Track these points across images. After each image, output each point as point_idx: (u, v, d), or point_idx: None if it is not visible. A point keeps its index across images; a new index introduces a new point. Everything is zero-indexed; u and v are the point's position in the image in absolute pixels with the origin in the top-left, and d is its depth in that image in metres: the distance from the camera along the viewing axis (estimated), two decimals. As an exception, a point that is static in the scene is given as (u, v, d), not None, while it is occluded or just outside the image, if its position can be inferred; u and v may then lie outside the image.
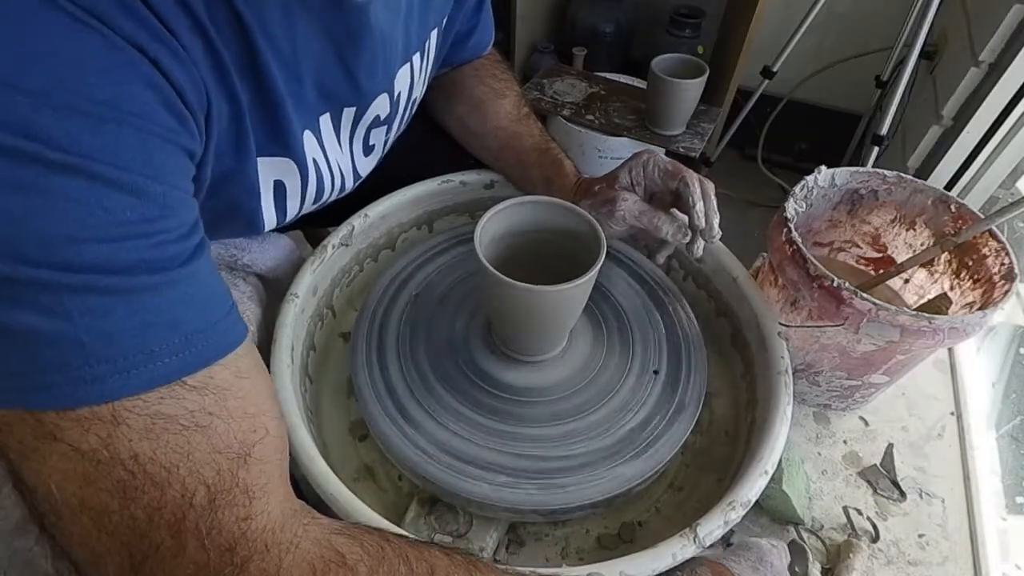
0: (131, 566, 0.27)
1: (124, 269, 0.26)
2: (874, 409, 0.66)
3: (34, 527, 0.31)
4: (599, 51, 1.55)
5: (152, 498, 0.27)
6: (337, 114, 0.48)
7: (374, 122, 0.53)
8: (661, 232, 0.56)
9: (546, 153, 0.64)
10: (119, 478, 0.26)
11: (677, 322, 0.58)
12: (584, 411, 0.51)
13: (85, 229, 0.25)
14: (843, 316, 0.51)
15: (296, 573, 0.29)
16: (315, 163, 0.47)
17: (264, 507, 0.30)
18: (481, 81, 0.69)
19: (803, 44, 1.30)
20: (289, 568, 0.29)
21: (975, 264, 0.58)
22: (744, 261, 0.61)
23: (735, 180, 1.60)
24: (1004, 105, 0.96)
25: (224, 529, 0.28)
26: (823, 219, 0.68)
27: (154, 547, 0.27)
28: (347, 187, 0.55)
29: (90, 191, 0.25)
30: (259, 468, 0.30)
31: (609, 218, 0.56)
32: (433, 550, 0.34)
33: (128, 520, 0.26)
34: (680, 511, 0.53)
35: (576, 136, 1.26)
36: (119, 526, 0.26)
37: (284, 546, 0.29)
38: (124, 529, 0.27)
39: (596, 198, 0.57)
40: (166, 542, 0.27)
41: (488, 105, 0.68)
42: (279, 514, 0.30)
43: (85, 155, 0.25)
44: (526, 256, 0.52)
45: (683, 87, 1.15)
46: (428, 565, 0.33)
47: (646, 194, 0.58)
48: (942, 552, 0.56)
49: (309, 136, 0.45)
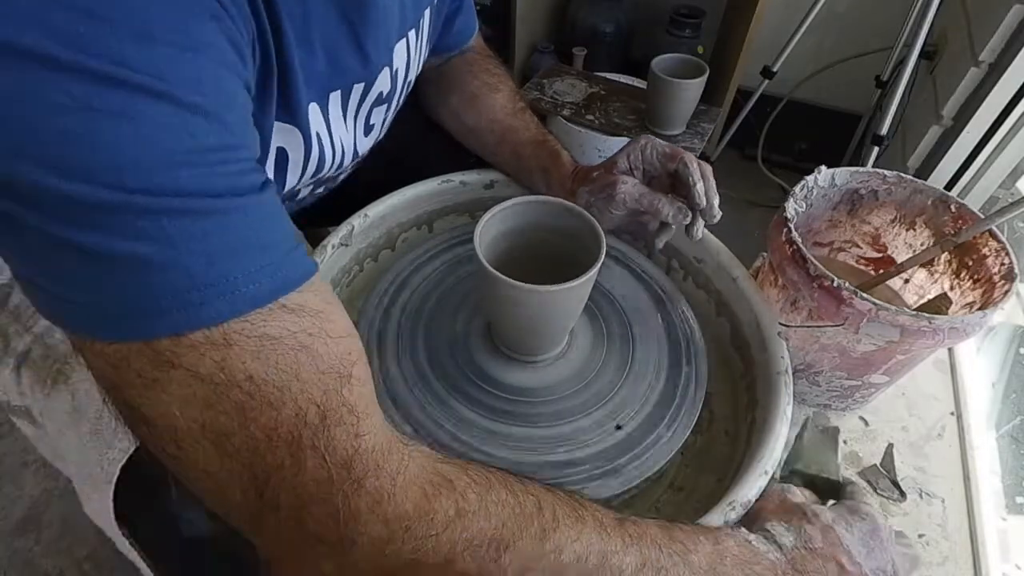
0: (255, 488, 0.28)
1: (215, 193, 0.27)
2: (874, 409, 0.66)
3: (34, 527, 0.31)
4: (599, 51, 1.55)
5: (269, 418, 0.27)
6: (347, 91, 0.48)
7: (377, 100, 0.53)
8: (661, 213, 0.55)
9: (543, 145, 0.64)
10: (237, 400, 0.27)
11: (677, 322, 0.58)
12: (584, 411, 0.51)
13: (176, 154, 0.26)
14: (843, 316, 0.51)
15: (409, 494, 0.29)
16: (318, 137, 0.46)
17: (370, 427, 0.30)
18: (475, 76, 0.69)
19: (803, 44, 1.30)
20: (403, 488, 0.29)
21: (975, 264, 0.58)
22: (744, 261, 0.61)
23: (735, 180, 1.60)
24: (1004, 105, 0.96)
25: (338, 446, 0.28)
26: (823, 219, 0.68)
27: (275, 466, 0.27)
28: (344, 164, 0.54)
29: (177, 116, 0.26)
30: (359, 389, 0.31)
31: (609, 202, 0.56)
32: (537, 485, 0.34)
33: (248, 441, 0.27)
34: (680, 511, 0.53)
35: (576, 136, 1.26)
36: (240, 448, 0.27)
37: (395, 467, 0.30)
38: (245, 450, 0.27)
39: (595, 184, 0.57)
40: (286, 461, 0.27)
41: (483, 99, 0.68)
42: (384, 437, 0.31)
43: (169, 81, 0.25)
44: (526, 256, 0.52)
45: (683, 87, 1.15)
46: (535, 498, 0.32)
47: (645, 178, 0.58)
48: (942, 552, 0.56)
49: (315, 109, 0.45)
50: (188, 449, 0.27)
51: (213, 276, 0.26)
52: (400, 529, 0.29)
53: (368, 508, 0.28)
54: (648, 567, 0.33)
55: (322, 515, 0.28)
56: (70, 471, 0.46)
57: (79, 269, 0.25)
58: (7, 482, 0.93)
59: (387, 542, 0.28)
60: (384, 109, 0.56)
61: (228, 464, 0.27)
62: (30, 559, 0.84)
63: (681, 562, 0.34)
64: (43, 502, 0.90)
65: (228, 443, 0.27)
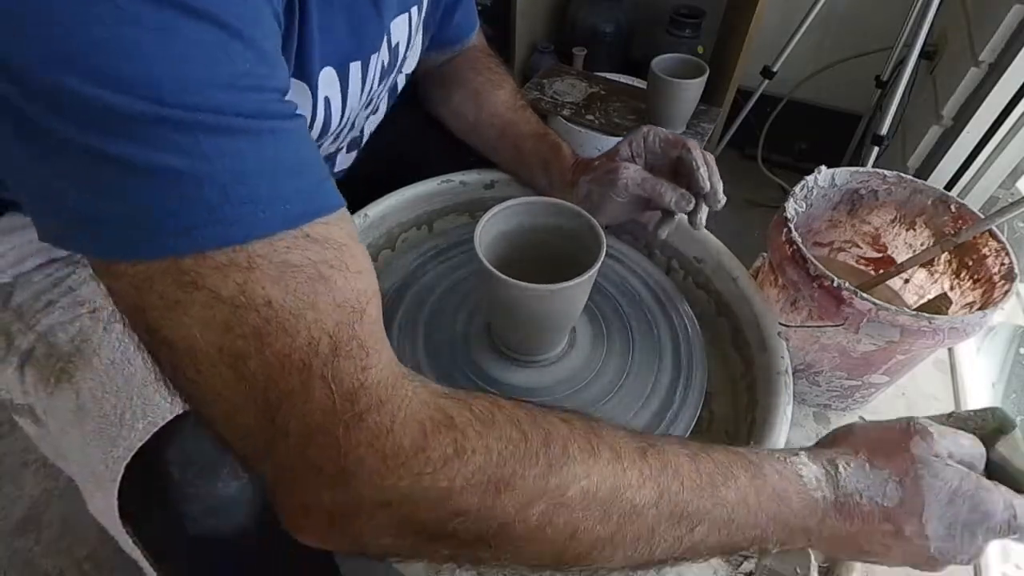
0: (267, 413, 0.28)
1: (249, 114, 0.27)
2: (874, 409, 0.66)
3: (34, 527, 0.31)
4: (599, 51, 1.55)
5: (284, 344, 0.28)
6: (366, 62, 0.48)
7: (380, 72, 0.53)
8: (664, 199, 0.55)
9: (543, 138, 0.64)
10: (254, 324, 0.27)
11: (677, 322, 0.58)
12: (584, 411, 0.51)
13: (215, 74, 0.26)
14: (843, 316, 0.51)
15: (407, 431, 0.30)
16: (327, 101, 0.46)
17: (377, 362, 0.30)
18: (478, 73, 0.69)
19: (803, 44, 1.30)
20: (402, 425, 0.30)
21: (975, 264, 0.58)
22: (744, 261, 0.61)
23: (735, 180, 1.59)
24: (1004, 105, 0.96)
25: (345, 378, 0.29)
26: (823, 219, 0.68)
27: (287, 392, 0.28)
28: (342, 137, 0.54)
29: (218, 38, 0.26)
30: (371, 326, 0.31)
31: (611, 188, 0.56)
32: (550, 416, 0.33)
33: (263, 366, 0.28)
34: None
35: (576, 136, 1.26)
36: (255, 371, 0.28)
37: (397, 403, 0.30)
38: (260, 375, 0.28)
39: (597, 172, 0.57)
40: (296, 387, 0.28)
41: (485, 95, 0.68)
42: (390, 372, 0.31)
43: (213, 3, 0.26)
44: (526, 256, 0.52)
45: (683, 87, 1.15)
46: (543, 432, 0.32)
47: (647, 166, 0.57)
48: (942, 552, 0.56)
49: (329, 73, 0.44)
50: (206, 373, 0.28)
51: (245, 193, 0.27)
52: (396, 465, 0.29)
53: (367, 442, 0.29)
54: (665, 500, 0.32)
55: (324, 445, 0.29)
56: (72, 470, 0.46)
57: (113, 180, 0.26)
58: (7, 482, 0.93)
59: (383, 477, 0.29)
60: (385, 87, 0.55)
61: (243, 388, 0.28)
62: (30, 559, 0.84)
63: (705, 495, 0.33)
64: (43, 502, 0.90)
65: (244, 367, 0.28)
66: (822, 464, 0.36)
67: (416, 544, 0.31)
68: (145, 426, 0.39)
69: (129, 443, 0.39)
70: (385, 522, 0.30)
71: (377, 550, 0.31)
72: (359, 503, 0.29)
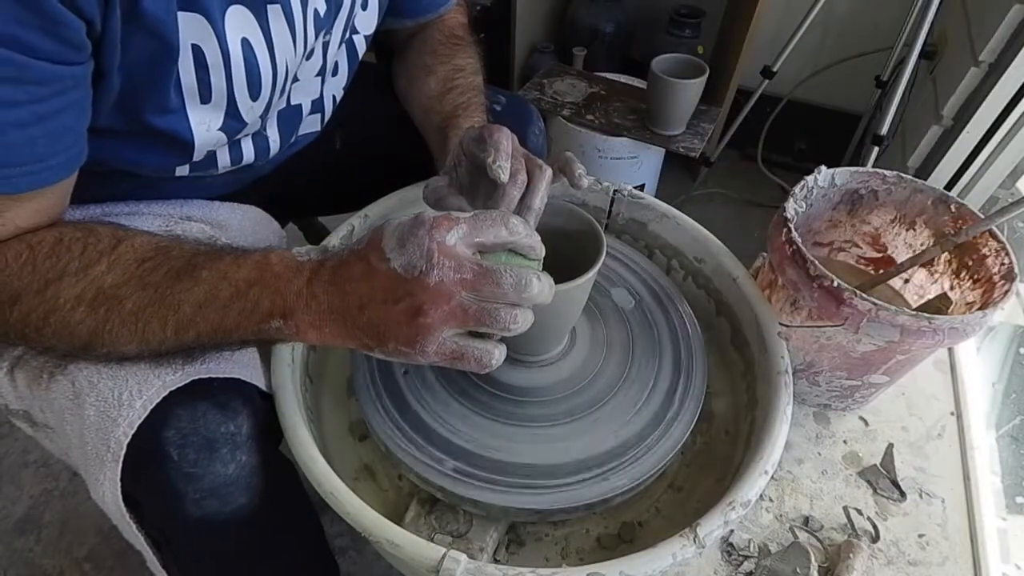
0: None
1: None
2: (874, 409, 0.66)
3: (34, 527, 0.31)
4: (599, 51, 1.55)
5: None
6: (287, 6, 0.46)
7: (315, 20, 0.50)
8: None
9: (442, 131, 0.60)
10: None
11: (677, 322, 0.58)
12: (584, 411, 0.51)
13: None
14: (843, 316, 0.51)
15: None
16: (245, 43, 0.44)
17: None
18: (420, 55, 0.67)
19: (803, 44, 1.30)
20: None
21: (975, 264, 0.58)
22: (744, 261, 0.61)
23: (735, 180, 1.60)
24: (1004, 105, 0.96)
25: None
26: (823, 219, 0.68)
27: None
28: (288, 91, 0.52)
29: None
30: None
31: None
32: (126, 246, 0.40)
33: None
34: (680, 511, 0.53)
35: (576, 136, 1.26)
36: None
37: None
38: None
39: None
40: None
41: (416, 82, 0.66)
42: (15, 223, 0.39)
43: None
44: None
45: (683, 87, 1.15)
46: (82, 261, 0.39)
47: (468, 171, 0.52)
48: (942, 552, 0.56)
49: (240, 12, 0.43)
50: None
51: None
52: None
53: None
54: (150, 291, 0.38)
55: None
56: (75, 460, 0.46)
57: None
58: (7, 482, 0.92)
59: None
60: (321, 36, 0.52)
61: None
62: (30, 559, 0.84)
63: (184, 279, 0.39)
64: (43, 502, 0.90)
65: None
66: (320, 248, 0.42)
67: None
68: (143, 403, 0.40)
69: (130, 420, 0.39)
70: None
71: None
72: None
